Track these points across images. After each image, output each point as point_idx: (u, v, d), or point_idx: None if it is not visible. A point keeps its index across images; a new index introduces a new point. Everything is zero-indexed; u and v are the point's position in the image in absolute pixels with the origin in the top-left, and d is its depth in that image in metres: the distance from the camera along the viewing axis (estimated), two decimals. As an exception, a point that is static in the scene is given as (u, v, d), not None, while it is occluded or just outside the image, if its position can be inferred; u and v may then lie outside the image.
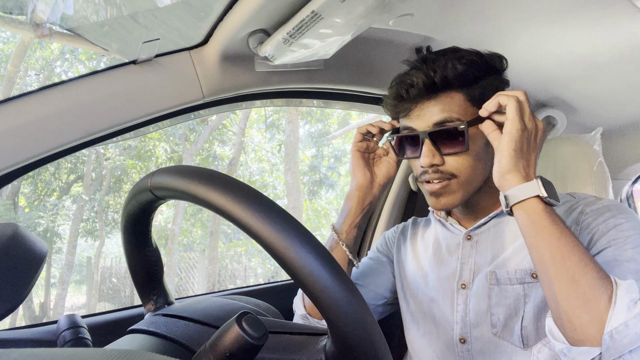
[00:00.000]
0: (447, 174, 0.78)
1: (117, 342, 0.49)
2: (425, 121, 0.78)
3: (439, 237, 0.93)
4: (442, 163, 0.78)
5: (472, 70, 0.77)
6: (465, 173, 0.78)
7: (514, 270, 0.76)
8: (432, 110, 0.77)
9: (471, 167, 0.78)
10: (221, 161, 7.93)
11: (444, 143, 0.77)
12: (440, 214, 0.93)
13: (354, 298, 0.36)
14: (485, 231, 0.84)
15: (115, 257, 9.36)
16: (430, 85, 0.77)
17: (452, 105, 0.77)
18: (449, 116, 0.76)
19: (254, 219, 0.36)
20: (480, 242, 0.84)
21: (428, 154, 0.77)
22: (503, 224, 0.82)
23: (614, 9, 0.86)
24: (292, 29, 0.78)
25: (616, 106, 1.37)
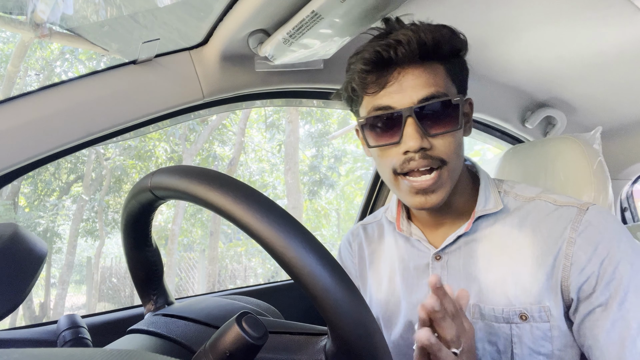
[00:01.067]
0: (437, 160, 0.67)
1: (117, 342, 0.49)
2: (408, 96, 0.66)
3: (403, 255, 0.81)
4: (430, 147, 0.66)
5: (455, 40, 0.69)
6: (454, 159, 0.68)
7: (501, 309, 0.68)
8: (417, 82, 0.66)
9: (457, 153, 0.69)
10: (221, 161, 7.93)
11: (431, 122, 0.66)
12: (403, 227, 0.80)
13: (354, 298, 0.36)
14: (455, 250, 0.74)
15: (115, 257, 9.36)
16: (422, 46, 0.65)
17: (436, 77, 0.67)
18: (436, 91, 0.66)
19: (254, 219, 0.36)
20: (451, 262, 0.74)
21: (415, 135, 0.65)
22: (474, 242, 0.73)
23: (614, 9, 0.86)
24: (292, 29, 0.78)
25: (616, 106, 1.37)
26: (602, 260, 0.63)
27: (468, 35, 0.81)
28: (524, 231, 0.70)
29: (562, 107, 1.40)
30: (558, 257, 0.66)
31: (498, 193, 0.76)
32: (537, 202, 0.72)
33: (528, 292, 0.67)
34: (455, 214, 0.76)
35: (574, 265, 0.65)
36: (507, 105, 1.37)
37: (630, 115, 1.44)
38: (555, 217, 0.69)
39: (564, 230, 0.67)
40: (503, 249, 0.71)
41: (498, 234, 0.72)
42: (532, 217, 0.71)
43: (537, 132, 1.48)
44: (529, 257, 0.68)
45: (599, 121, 1.45)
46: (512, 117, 1.40)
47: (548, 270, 0.67)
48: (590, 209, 0.67)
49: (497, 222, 0.73)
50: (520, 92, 1.34)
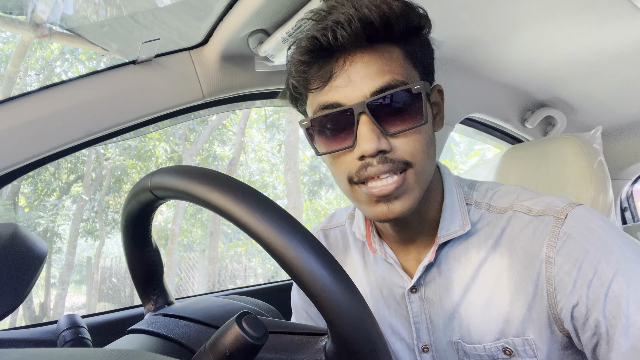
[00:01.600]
0: (399, 163, 0.54)
1: (117, 342, 0.49)
2: (359, 90, 0.53)
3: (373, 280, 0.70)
4: (391, 148, 0.54)
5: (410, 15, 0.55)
6: (420, 160, 0.56)
7: (483, 346, 0.60)
8: (368, 71, 0.53)
9: (425, 152, 0.56)
10: (221, 161, 7.93)
11: (389, 118, 0.54)
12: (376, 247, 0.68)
13: (354, 298, 0.36)
14: (430, 281, 0.64)
15: (115, 257, 9.36)
16: (368, 26, 0.52)
17: (392, 63, 0.54)
18: (392, 79, 0.53)
19: (254, 219, 0.36)
20: (428, 295, 0.64)
21: (371, 135, 0.53)
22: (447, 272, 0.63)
23: (614, 9, 0.86)
24: (292, 29, 0.78)
25: (616, 106, 1.37)
26: (590, 281, 0.52)
27: (468, 35, 0.80)
28: (499, 252, 0.60)
29: (562, 107, 1.40)
30: (539, 283, 0.56)
31: (466, 206, 0.64)
32: (509, 212, 0.61)
33: (510, 323, 0.58)
34: (427, 230, 0.64)
35: (558, 290, 0.54)
36: (507, 105, 1.37)
37: (630, 115, 1.44)
38: (531, 232, 0.57)
39: (541, 248, 0.56)
40: (479, 276, 0.61)
41: (472, 259, 0.61)
42: (507, 235, 0.60)
43: (537, 132, 1.48)
44: (506, 284, 0.59)
45: (599, 121, 1.45)
46: (512, 117, 1.40)
47: (529, 299, 0.57)
48: (568, 217, 0.56)
49: (470, 245, 0.62)
50: (520, 92, 1.34)
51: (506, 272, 0.59)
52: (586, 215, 0.56)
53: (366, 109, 0.53)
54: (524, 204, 0.61)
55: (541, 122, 1.45)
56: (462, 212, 0.63)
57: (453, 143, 9.22)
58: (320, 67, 0.56)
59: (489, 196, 0.65)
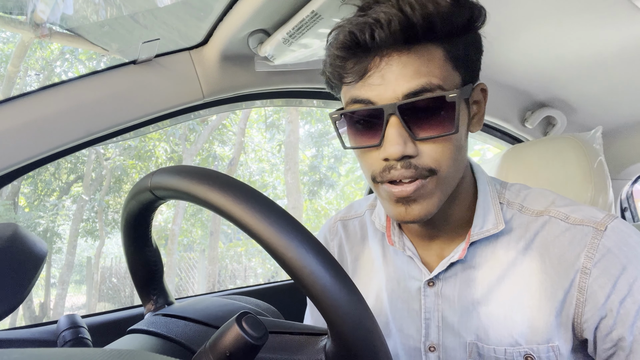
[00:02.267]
0: (423, 170, 0.54)
1: (117, 342, 0.49)
2: (391, 90, 0.52)
3: (392, 272, 0.69)
4: (417, 153, 0.53)
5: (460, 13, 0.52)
6: (446, 167, 0.55)
7: (504, 350, 0.58)
8: (405, 72, 0.52)
9: (453, 159, 0.55)
10: (221, 161, 7.93)
11: (420, 122, 0.53)
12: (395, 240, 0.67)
13: (354, 298, 0.36)
14: (451, 277, 0.63)
15: (115, 257, 9.36)
16: (408, 26, 0.50)
17: (431, 65, 0.52)
18: (427, 82, 0.51)
19: (254, 219, 0.36)
20: (446, 291, 0.63)
21: (397, 139, 0.52)
22: (471, 269, 0.62)
23: (614, 9, 0.86)
24: (292, 29, 0.78)
25: (616, 106, 1.37)
26: (624, 297, 0.53)
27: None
28: (530, 256, 0.59)
29: (562, 107, 1.40)
30: (570, 291, 0.56)
31: (500, 205, 0.63)
32: (545, 217, 0.60)
33: (535, 329, 0.57)
34: (452, 227, 0.64)
35: (588, 301, 0.55)
36: (507, 105, 1.38)
37: (630, 115, 1.44)
38: (568, 240, 0.57)
39: (577, 258, 0.56)
40: (506, 277, 0.60)
41: (500, 259, 0.61)
42: (540, 238, 0.59)
43: (537, 132, 1.48)
44: (536, 289, 0.58)
45: (599, 121, 1.45)
46: (512, 117, 1.40)
47: (558, 305, 0.57)
48: (608, 229, 0.56)
49: (499, 245, 0.61)
50: (520, 92, 1.34)
51: (536, 277, 0.58)
52: (625, 230, 0.57)
53: (396, 111, 0.52)
54: (561, 210, 0.60)
55: (541, 122, 1.45)
56: (496, 211, 0.62)
57: (453, 143, 9.21)
58: (355, 62, 0.54)
59: (522, 197, 0.64)
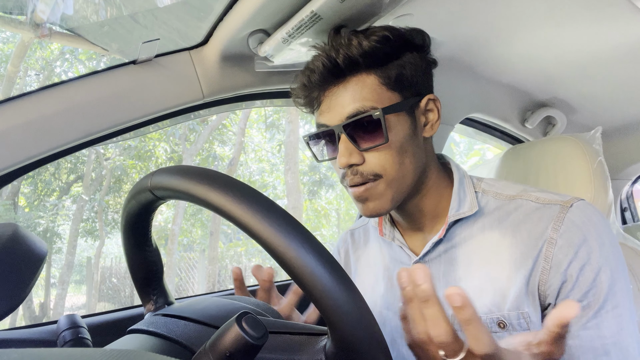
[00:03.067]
0: (369, 175, 0.66)
1: (117, 342, 0.49)
2: (337, 114, 0.66)
3: (387, 262, 0.80)
4: (362, 161, 0.66)
5: (383, 47, 0.65)
6: (391, 170, 0.66)
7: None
8: (343, 99, 0.66)
9: (396, 163, 0.66)
10: (221, 161, 7.94)
11: (361, 137, 0.65)
12: (386, 232, 0.78)
13: (354, 298, 0.36)
14: (435, 258, 0.71)
15: (115, 257, 9.36)
16: (333, 68, 0.65)
17: (364, 91, 0.65)
18: (361, 106, 0.64)
19: (254, 219, 0.36)
20: (432, 271, 0.71)
21: (344, 152, 0.65)
22: (453, 248, 0.70)
23: (614, 9, 0.86)
24: (291, 29, 0.78)
25: (616, 106, 1.37)
26: (583, 265, 0.60)
27: (468, 35, 0.80)
28: (503, 233, 0.67)
29: (562, 107, 1.40)
30: (538, 260, 0.62)
31: (475, 193, 0.71)
32: (518, 200, 0.68)
33: (506, 297, 0.64)
34: (430, 217, 0.73)
35: (553, 268, 0.61)
36: (507, 105, 1.38)
37: (630, 115, 1.44)
38: (537, 217, 0.65)
39: (545, 230, 0.63)
40: (482, 253, 0.67)
41: (477, 238, 0.69)
42: (513, 218, 0.67)
43: (537, 132, 1.48)
44: (507, 261, 0.65)
45: (599, 121, 1.45)
46: (512, 117, 1.40)
47: (527, 274, 0.63)
48: (574, 206, 0.63)
49: (476, 225, 0.69)
50: (520, 92, 1.34)
51: (507, 250, 0.65)
52: (589, 209, 0.64)
53: (342, 130, 0.66)
54: (533, 194, 0.68)
55: (541, 122, 1.45)
56: (471, 197, 0.71)
57: (453, 143, 9.22)
58: (308, 98, 0.70)
59: (496, 186, 0.72)
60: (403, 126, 0.67)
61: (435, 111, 0.71)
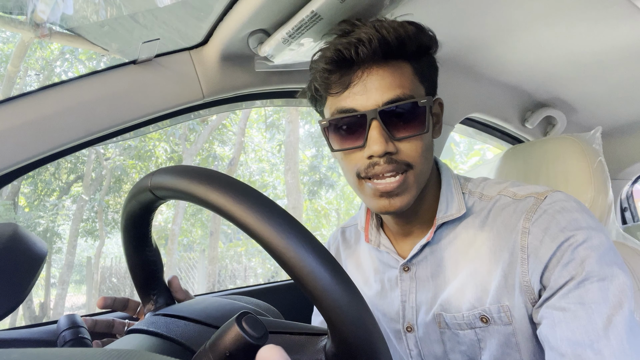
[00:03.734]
0: (402, 164, 0.63)
1: (117, 342, 0.49)
2: (373, 98, 0.62)
3: (377, 267, 0.79)
4: (396, 151, 0.63)
5: (422, 37, 0.65)
6: (420, 163, 0.65)
7: (462, 315, 0.65)
8: (383, 83, 0.62)
9: (425, 156, 0.65)
10: (221, 161, 7.93)
11: (396, 125, 0.63)
12: (372, 238, 0.77)
13: (354, 298, 0.36)
14: (422, 260, 0.71)
15: (115, 257, 9.36)
16: (385, 45, 0.61)
17: (403, 78, 0.63)
18: (402, 92, 0.62)
19: (254, 219, 0.36)
20: (420, 273, 0.72)
21: (379, 139, 0.61)
22: (439, 251, 0.70)
23: (614, 10, 0.86)
24: (291, 29, 0.78)
25: (616, 106, 1.37)
26: (561, 243, 0.58)
27: (468, 35, 0.80)
28: (484, 230, 0.67)
29: (562, 107, 1.40)
30: (514, 251, 0.62)
31: (462, 195, 0.71)
32: (496, 197, 0.68)
33: (486, 291, 0.64)
34: (422, 220, 0.72)
35: (531, 256, 0.60)
36: (507, 105, 1.38)
37: (630, 115, 1.44)
38: (512, 210, 0.64)
39: (518, 221, 0.62)
40: (467, 253, 0.67)
41: (462, 238, 0.69)
42: (492, 215, 0.67)
43: (537, 132, 1.48)
44: (485, 255, 0.65)
45: (599, 121, 1.45)
46: (512, 117, 1.40)
47: (505, 266, 0.62)
48: (547, 197, 0.63)
49: (461, 226, 0.69)
50: (520, 92, 1.34)
51: (486, 245, 0.66)
52: (563, 198, 0.63)
53: (378, 116, 0.62)
54: (511, 189, 0.68)
55: (541, 122, 1.45)
56: (459, 198, 0.70)
57: (453, 143, 9.22)
58: (341, 75, 0.64)
59: (481, 187, 0.72)
60: (430, 121, 0.67)
61: (440, 115, 0.72)
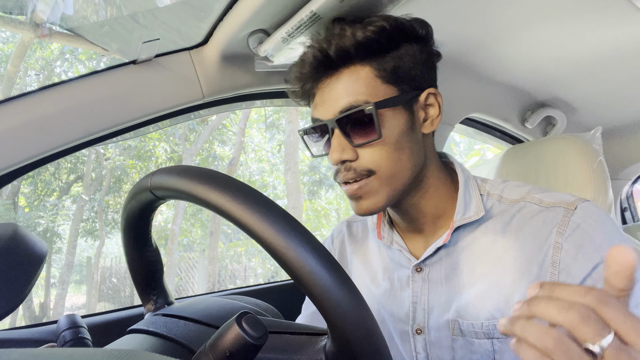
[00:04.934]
0: (362, 171, 0.63)
1: (117, 342, 0.49)
2: (330, 108, 0.64)
3: (387, 265, 0.77)
4: (356, 157, 0.63)
5: (378, 37, 0.62)
6: (385, 167, 0.63)
7: (481, 323, 0.63)
8: (336, 92, 0.63)
9: (392, 159, 0.63)
10: (221, 161, 7.93)
11: (354, 132, 0.63)
12: (385, 235, 0.76)
13: (354, 298, 0.36)
14: (436, 262, 0.69)
15: (115, 257, 9.36)
16: (324, 59, 0.63)
17: (357, 84, 0.62)
18: (354, 100, 0.62)
19: (254, 219, 0.36)
20: (433, 274, 0.69)
21: (337, 147, 0.63)
22: (455, 253, 0.68)
23: (614, 9, 0.86)
24: (291, 29, 0.78)
25: (616, 106, 1.37)
26: (597, 264, 0.56)
27: (468, 35, 0.80)
28: (507, 238, 0.64)
29: (562, 107, 1.40)
30: (544, 266, 0.59)
31: (480, 196, 0.69)
32: (521, 203, 0.66)
33: (509, 302, 0.61)
34: (432, 219, 0.70)
35: (562, 273, 0.58)
36: (507, 105, 1.37)
37: (630, 115, 1.44)
38: (541, 220, 0.62)
39: (549, 234, 0.60)
40: (486, 259, 0.65)
41: (481, 242, 0.66)
42: (516, 222, 0.64)
43: (537, 132, 1.48)
44: (511, 266, 0.62)
45: (599, 121, 1.45)
46: (512, 117, 1.40)
47: (532, 279, 0.60)
48: (578, 208, 0.60)
49: (479, 230, 0.67)
50: (520, 92, 1.34)
51: (511, 255, 0.63)
52: (594, 210, 0.61)
53: (335, 125, 0.63)
54: (536, 196, 0.65)
55: (541, 122, 1.45)
56: (477, 200, 0.68)
57: (453, 143, 9.22)
58: (303, 91, 0.69)
59: (500, 188, 0.70)
60: (399, 121, 0.64)
61: (437, 106, 0.68)
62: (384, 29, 0.62)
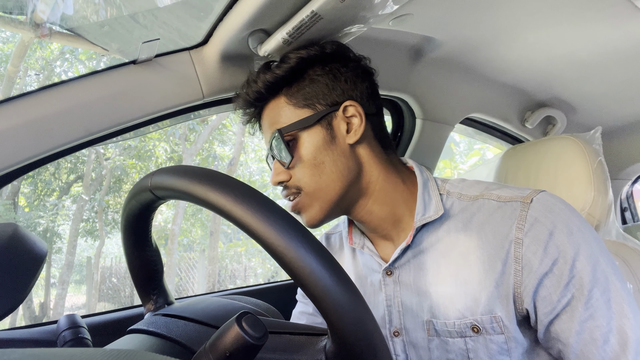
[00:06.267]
0: (292, 189, 0.71)
1: (117, 342, 0.49)
2: (267, 138, 0.76)
3: (360, 271, 0.80)
4: (289, 178, 0.71)
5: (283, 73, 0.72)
6: (309, 183, 0.70)
7: (453, 323, 0.65)
8: (264, 125, 0.76)
9: (312, 175, 0.69)
10: (221, 161, 7.93)
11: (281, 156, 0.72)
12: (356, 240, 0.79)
13: (355, 298, 0.36)
14: (405, 264, 0.71)
15: (115, 257, 9.36)
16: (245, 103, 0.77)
17: (276, 115, 0.73)
18: (275, 128, 0.72)
19: (254, 219, 0.36)
20: (403, 276, 0.71)
21: (274, 172, 0.73)
22: (421, 254, 0.70)
23: (614, 9, 0.86)
24: (291, 29, 0.78)
25: (616, 106, 1.37)
26: (555, 259, 0.59)
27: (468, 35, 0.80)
28: (469, 235, 0.66)
29: (562, 107, 1.40)
30: (507, 262, 0.61)
31: (439, 196, 0.71)
32: (480, 200, 0.68)
33: (478, 301, 0.63)
34: (393, 223, 0.73)
35: (525, 269, 0.60)
36: (507, 105, 1.38)
37: (630, 115, 1.44)
38: (500, 216, 0.64)
39: (510, 230, 0.62)
40: (450, 257, 0.67)
41: (444, 242, 0.68)
42: (477, 219, 0.66)
43: (537, 132, 1.48)
44: (475, 264, 0.64)
45: (599, 121, 1.45)
46: (512, 117, 1.40)
47: (497, 277, 0.62)
48: (534, 201, 0.62)
49: (442, 229, 0.69)
50: (520, 92, 1.34)
51: (475, 253, 0.65)
52: (549, 200, 0.63)
53: (270, 152, 0.74)
54: (494, 192, 0.68)
55: (541, 122, 1.45)
56: (436, 200, 0.70)
57: (453, 143, 9.21)
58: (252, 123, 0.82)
59: (459, 187, 0.72)
60: (314, 139, 0.70)
61: (358, 116, 0.71)
62: (288, 66, 0.72)
